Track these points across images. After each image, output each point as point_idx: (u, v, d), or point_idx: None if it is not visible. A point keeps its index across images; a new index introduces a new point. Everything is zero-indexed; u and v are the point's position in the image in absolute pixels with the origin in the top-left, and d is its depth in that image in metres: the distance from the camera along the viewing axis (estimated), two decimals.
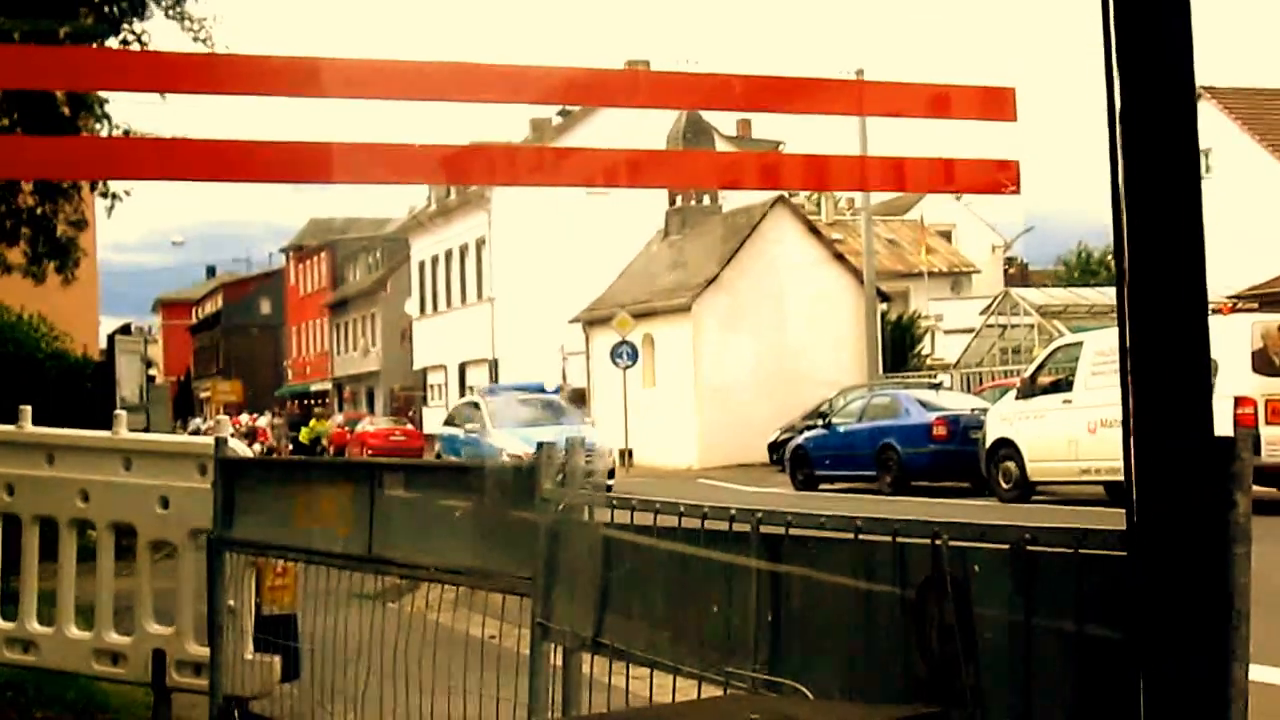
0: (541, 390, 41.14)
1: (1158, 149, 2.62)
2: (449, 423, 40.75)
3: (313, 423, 59.42)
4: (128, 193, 21.78)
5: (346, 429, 67.34)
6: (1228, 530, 2.65)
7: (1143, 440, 2.61)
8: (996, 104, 3.11)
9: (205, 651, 8.46)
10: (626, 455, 43.31)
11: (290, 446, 60.52)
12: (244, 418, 62.70)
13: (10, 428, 9.64)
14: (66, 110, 19.79)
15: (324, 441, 57.23)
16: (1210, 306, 2.76)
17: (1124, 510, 2.68)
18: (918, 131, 3.30)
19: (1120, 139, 2.62)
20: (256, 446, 54.95)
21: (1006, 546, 3.41)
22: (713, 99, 3.34)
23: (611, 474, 31.68)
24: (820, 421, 35.01)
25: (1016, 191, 3.11)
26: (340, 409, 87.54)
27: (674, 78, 3.11)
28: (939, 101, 3.21)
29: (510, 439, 32.34)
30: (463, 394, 71.08)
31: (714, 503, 4.69)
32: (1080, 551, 3.19)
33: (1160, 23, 2.63)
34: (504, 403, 38.01)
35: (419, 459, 46.39)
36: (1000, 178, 3.14)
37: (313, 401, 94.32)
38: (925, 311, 57.87)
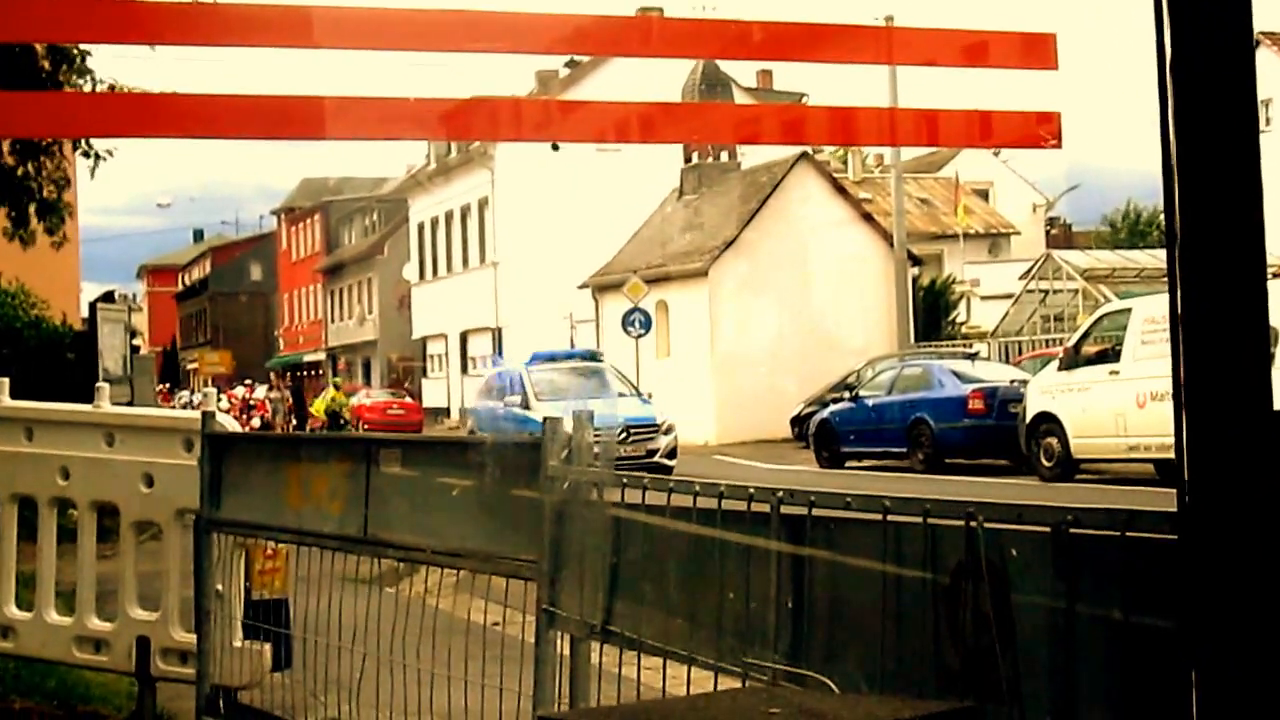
0: (591, 358, 39.66)
1: (1211, 99, 2.57)
2: (484, 396, 39.24)
3: (329, 393, 54.46)
4: (110, 152, 21.79)
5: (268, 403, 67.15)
6: None
7: (1195, 415, 2.57)
8: (1037, 51, 3.08)
9: (192, 638, 8.48)
10: None
11: (294, 422, 59.25)
12: (239, 389, 61.54)
13: None
14: (47, 65, 19.78)
15: (345, 414, 53.10)
16: (1270, 270, 2.71)
17: (1175, 491, 2.64)
18: (951, 83, 3.27)
19: (1171, 89, 2.58)
20: (255, 421, 54.46)
21: (1047, 529, 3.38)
22: (731, 48, 3.31)
23: (673, 454, 31.92)
24: (847, 394, 34.86)
25: (1058, 146, 3.07)
26: (334, 379, 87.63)
27: (689, 25, 3.07)
28: (975, 50, 3.17)
29: (559, 414, 31.09)
30: (465, 365, 71.17)
31: (732, 481, 4.67)
32: (1127, 535, 3.16)
33: None
34: (548, 373, 35.89)
35: (418, 434, 46.04)
36: (1041, 131, 3.10)
37: (314, 372, 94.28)
38: (960, 276, 57.62)
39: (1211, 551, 2.58)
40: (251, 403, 58.92)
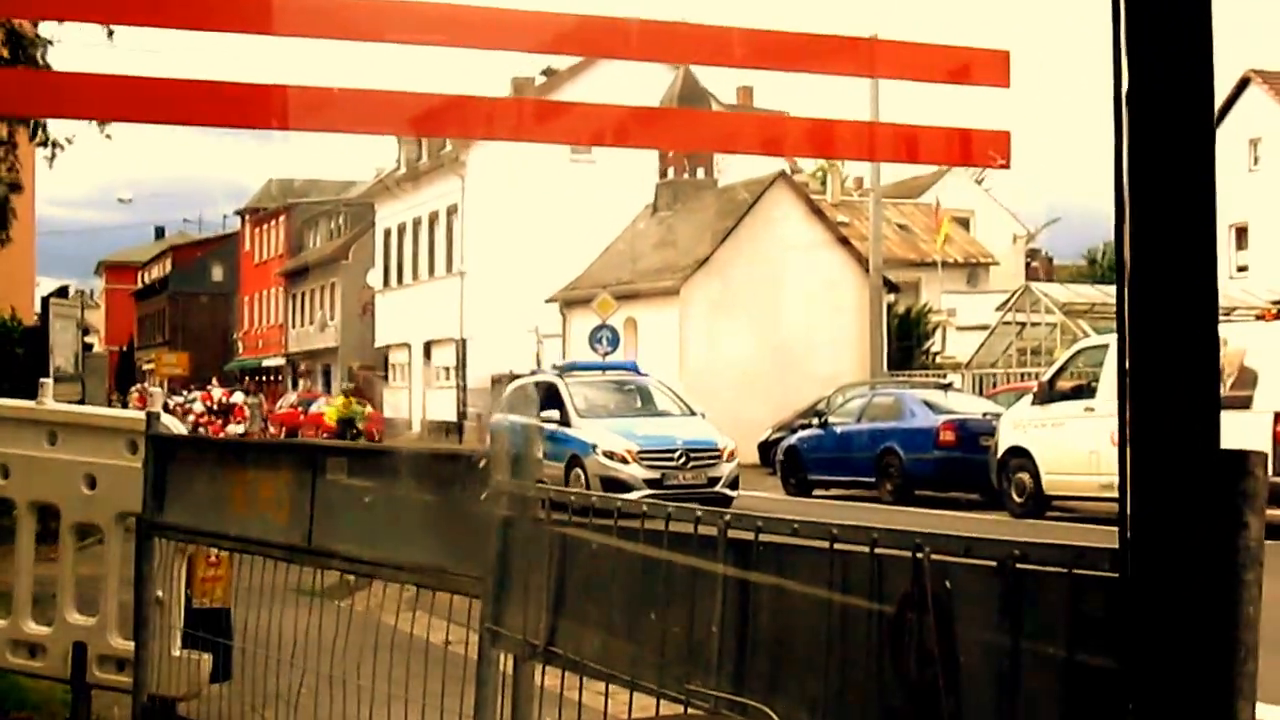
0: (634, 370, 35.76)
1: (1167, 134, 2.59)
2: (511, 409, 32.97)
3: (342, 401, 49.02)
4: (70, 140, 21.77)
5: (300, 409, 66.94)
6: (1236, 554, 2.62)
7: (1139, 450, 2.59)
8: (990, 69, 3.11)
9: (130, 646, 8.45)
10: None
11: (270, 430, 58.07)
12: (216, 392, 60.46)
13: None
14: (4, 53, 19.73)
15: (360, 425, 47.67)
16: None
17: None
18: (925, 102, 3.29)
19: (1126, 120, 2.60)
20: (232, 428, 53.69)
21: (994, 563, 3.39)
22: (711, 54, 3.32)
23: (735, 483, 29.31)
24: (816, 421, 34.91)
25: (1006, 166, 3.10)
26: (294, 387, 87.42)
27: (668, 28, 3.09)
28: (960, 66, 3.20)
29: (606, 434, 29.55)
30: (427, 376, 71.04)
31: (680, 503, 4.68)
32: (1074, 571, 3.17)
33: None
34: (585, 387, 32.45)
35: (368, 443, 44.26)
36: (990, 151, 3.13)
37: (274, 377, 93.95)
38: (937, 305, 57.78)
39: (1153, 591, 2.59)
40: (229, 405, 57.75)
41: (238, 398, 59.51)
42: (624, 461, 28.67)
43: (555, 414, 30.15)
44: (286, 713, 7.27)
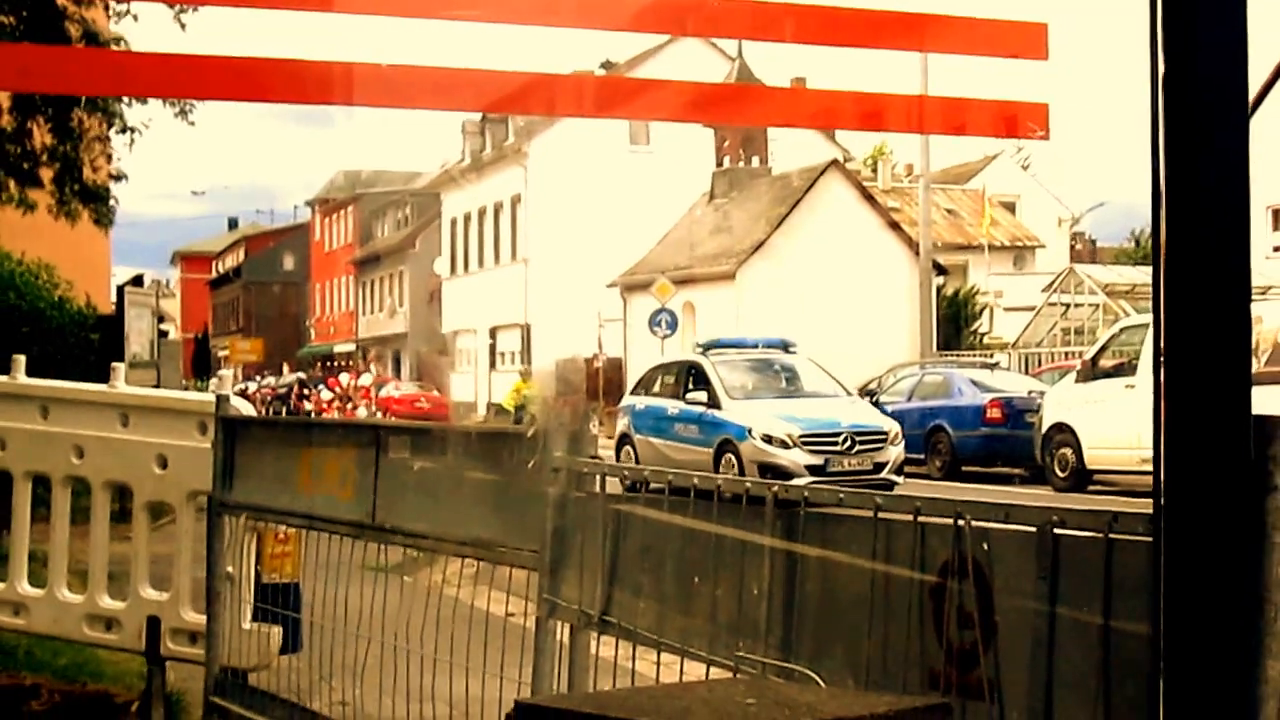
0: (784, 348, 31.38)
1: (1201, 121, 2.56)
2: (644, 390, 31.70)
3: (518, 384, 48.07)
4: (146, 125, 21.89)
5: (372, 390, 67.10)
6: (1264, 517, 2.60)
7: (1174, 417, 2.55)
8: (1031, 41, 3.08)
9: (202, 619, 8.47)
10: None
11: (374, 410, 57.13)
12: (344, 377, 59.31)
13: (3, 379, 9.65)
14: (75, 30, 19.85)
15: (531, 408, 45.76)
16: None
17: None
18: (971, 81, 3.27)
19: (1162, 105, 2.57)
20: (361, 411, 53.10)
21: (1033, 529, 3.36)
22: (764, 30, 3.30)
23: (900, 469, 26.93)
24: (868, 399, 34.77)
25: (1045, 137, 3.07)
26: (362, 371, 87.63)
27: (724, 6, 3.09)
28: (1001, 39, 3.18)
29: (763, 416, 26.79)
30: (493, 360, 71.18)
31: (731, 476, 4.66)
32: (1110, 536, 3.14)
33: None
34: (734, 367, 29.37)
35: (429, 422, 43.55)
36: (1030, 123, 3.10)
37: (345, 363, 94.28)
38: (984, 287, 57.53)
39: (1184, 553, 2.56)
40: (355, 389, 56.79)
41: (366, 380, 58.68)
42: (785, 446, 26.01)
43: (702, 396, 28.09)
44: (353, 682, 7.29)
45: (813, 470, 25.16)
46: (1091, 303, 47.11)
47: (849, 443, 26.07)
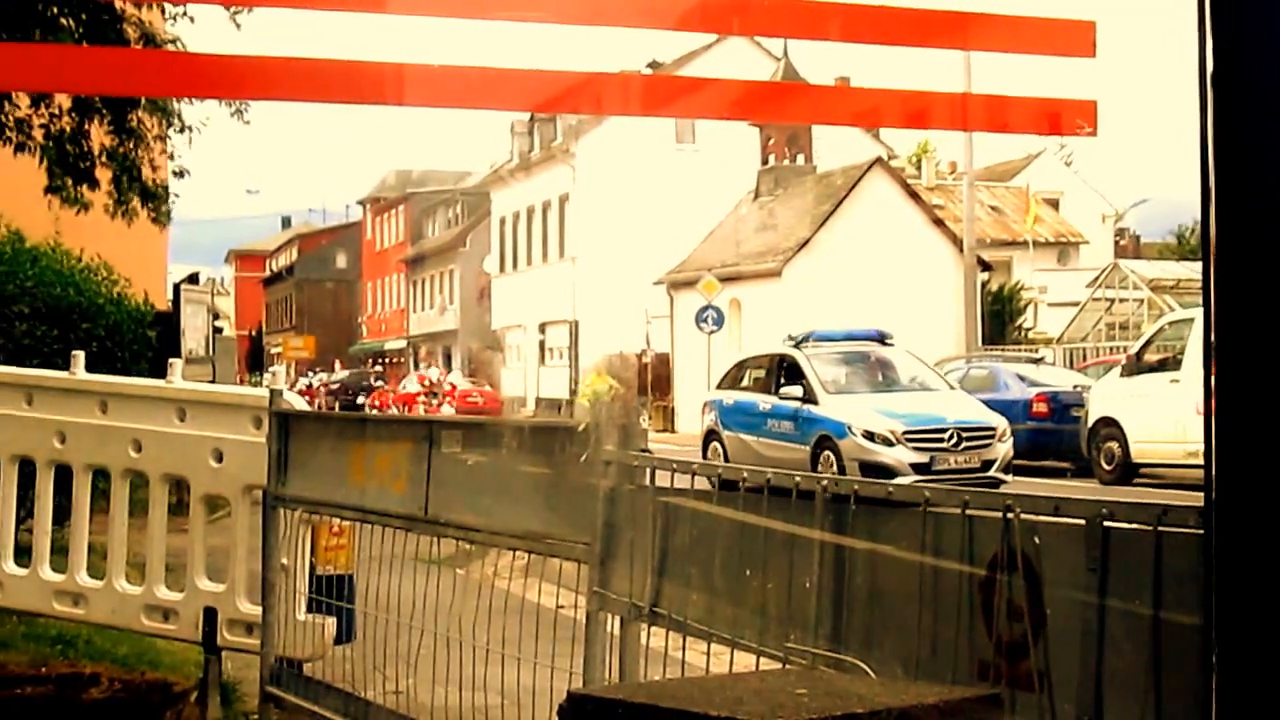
0: (879, 340, 29.71)
1: (1251, 118, 2.53)
2: (730, 384, 30.29)
3: (592, 379, 46.77)
4: (205, 123, 21.96)
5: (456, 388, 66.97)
6: None
7: (1225, 411, 2.52)
8: (1079, 39, 3.06)
9: (257, 611, 8.51)
10: None
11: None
12: (433, 372, 58.72)
13: (63, 374, 9.71)
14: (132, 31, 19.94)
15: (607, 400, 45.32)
16: None
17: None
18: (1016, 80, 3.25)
19: (1211, 105, 2.54)
20: (446, 409, 52.82)
21: (1082, 522, 3.34)
22: (809, 29, 3.29)
23: (1009, 467, 25.37)
24: None
25: (1093, 134, 3.05)
26: (416, 368, 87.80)
27: (771, 5, 3.08)
28: (1048, 38, 3.16)
29: (864, 412, 25.40)
30: (543, 356, 71.28)
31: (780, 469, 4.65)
32: (1160, 529, 3.11)
33: None
34: (828, 360, 27.76)
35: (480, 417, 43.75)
36: (1078, 119, 3.08)
37: (397, 359, 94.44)
38: (1028, 283, 57.33)
39: (1235, 546, 2.53)
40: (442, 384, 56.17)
41: (455, 378, 58.16)
42: (888, 443, 24.63)
43: (797, 390, 26.45)
44: (406, 672, 7.31)
45: (918, 468, 24.04)
46: (1136, 298, 46.93)
47: (955, 439, 24.80)
